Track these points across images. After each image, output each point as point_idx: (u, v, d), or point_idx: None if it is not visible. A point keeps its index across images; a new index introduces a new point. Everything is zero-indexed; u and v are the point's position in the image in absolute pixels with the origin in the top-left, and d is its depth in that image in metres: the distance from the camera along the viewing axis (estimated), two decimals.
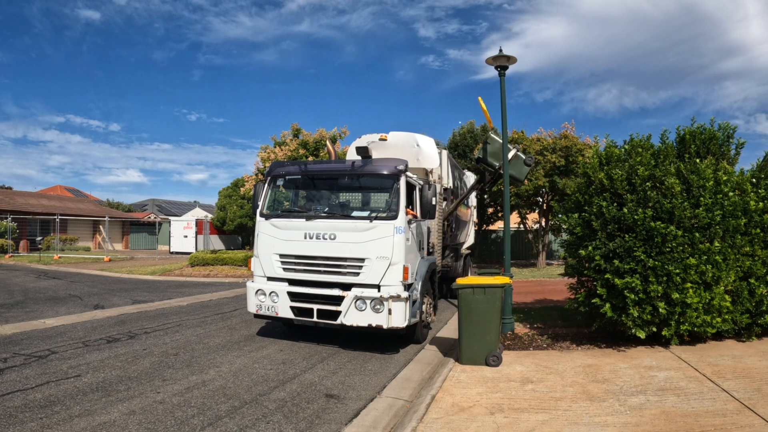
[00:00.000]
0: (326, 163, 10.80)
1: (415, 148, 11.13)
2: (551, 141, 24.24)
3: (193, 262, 24.09)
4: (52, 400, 6.01)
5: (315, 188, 9.92)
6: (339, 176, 9.58)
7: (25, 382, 6.70)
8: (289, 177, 9.79)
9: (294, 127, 26.33)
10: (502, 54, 9.52)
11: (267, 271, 9.06)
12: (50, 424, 5.26)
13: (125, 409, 5.74)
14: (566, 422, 4.95)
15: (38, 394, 6.23)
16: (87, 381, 6.76)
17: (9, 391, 6.31)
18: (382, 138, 10.91)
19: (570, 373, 6.70)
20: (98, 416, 5.52)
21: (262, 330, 10.20)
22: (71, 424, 5.27)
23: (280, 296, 8.78)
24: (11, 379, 6.81)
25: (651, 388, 5.97)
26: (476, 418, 5.11)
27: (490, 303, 7.11)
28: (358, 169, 9.03)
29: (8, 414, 5.51)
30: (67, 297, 15.08)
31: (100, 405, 5.87)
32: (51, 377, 6.92)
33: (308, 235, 8.63)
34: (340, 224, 8.55)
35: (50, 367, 7.41)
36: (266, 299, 8.94)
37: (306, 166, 9.84)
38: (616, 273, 7.61)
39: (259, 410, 5.74)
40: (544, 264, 26.92)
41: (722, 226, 7.53)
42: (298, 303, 8.66)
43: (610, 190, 8.17)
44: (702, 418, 4.93)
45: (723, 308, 7.56)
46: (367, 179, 9.39)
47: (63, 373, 7.14)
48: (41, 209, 40.62)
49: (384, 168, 8.80)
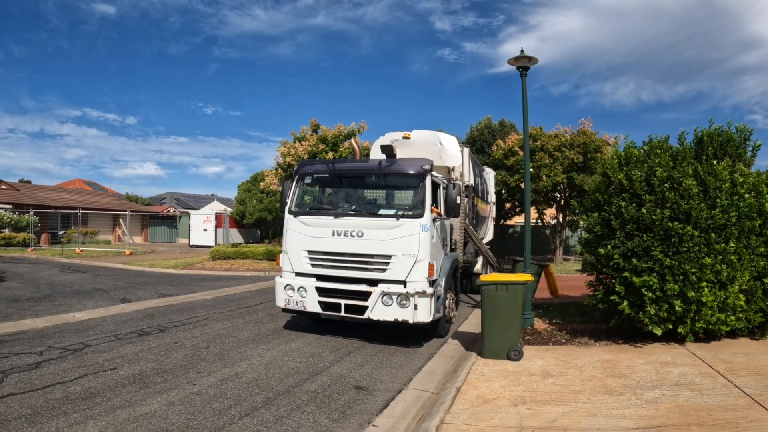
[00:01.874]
0: (353, 162, 11.07)
1: (438, 146, 11.36)
2: (569, 137, 24.41)
3: (215, 256, 24.52)
4: (92, 392, 6.26)
5: (342, 186, 10.14)
6: (366, 175, 9.88)
7: (64, 374, 6.95)
8: (317, 175, 10.00)
9: (313, 123, 26.68)
10: (524, 55, 9.70)
11: (295, 266, 9.29)
12: (93, 415, 5.50)
13: (164, 401, 6.00)
14: (586, 414, 5.23)
15: (78, 386, 6.47)
16: (124, 373, 7.04)
17: (49, 383, 6.56)
18: (406, 136, 11.13)
19: (588, 367, 6.97)
20: (139, 407, 5.77)
21: (288, 324, 10.54)
22: (113, 415, 5.51)
23: (308, 291, 9.01)
24: (50, 372, 7.05)
25: (666, 383, 6.23)
26: (500, 409, 5.42)
27: (512, 299, 7.40)
28: (385, 168, 9.36)
29: (51, 406, 5.74)
30: (94, 290, 15.41)
31: (139, 396, 6.13)
32: (88, 370, 7.19)
33: (336, 232, 8.86)
34: (367, 222, 8.78)
35: (86, 360, 7.66)
36: (295, 294, 9.17)
37: (334, 165, 10.16)
38: (634, 271, 7.85)
39: (293, 401, 6.06)
40: (561, 259, 27.12)
41: (738, 227, 7.74)
42: (325, 298, 8.89)
43: (629, 190, 8.39)
44: (714, 412, 5.19)
45: (737, 307, 7.77)
46: (393, 178, 9.62)
47: (99, 365, 7.41)
48: (62, 203, 41.39)
49: (410, 168, 9.05)
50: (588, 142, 23.55)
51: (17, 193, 40.75)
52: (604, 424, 4.97)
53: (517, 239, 33.63)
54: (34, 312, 11.53)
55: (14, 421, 5.22)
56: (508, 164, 25.12)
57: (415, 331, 9.18)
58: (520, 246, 31.91)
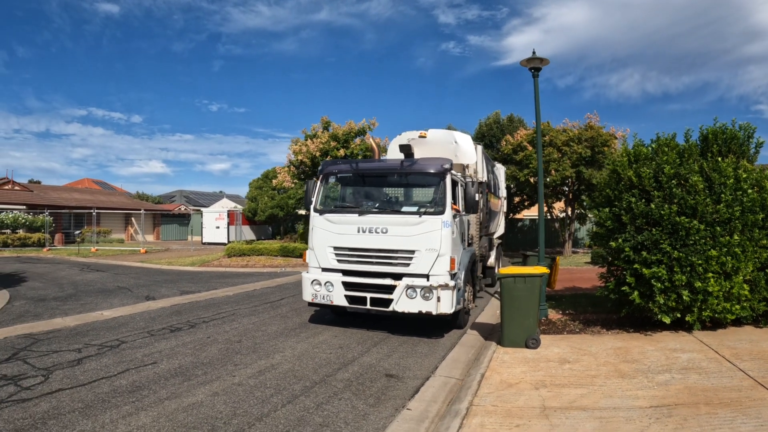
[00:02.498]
0: (376, 162, 11.52)
1: (453, 144, 11.75)
2: (577, 132, 24.78)
3: (230, 253, 25.04)
4: (138, 386, 6.60)
5: (364, 185, 10.52)
6: (388, 174, 10.33)
7: (107, 370, 7.29)
8: (341, 175, 10.45)
9: (324, 120, 27.09)
10: (536, 56, 10.17)
11: (321, 262, 9.72)
12: (143, 407, 5.85)
13: (208, 391, 6.39)
14: (602, 395, 5.71)
15: (123, 380, 6.82)
16: (164, 367, 7.42)
17: (95, 378, 6.90)
18: (422, 135, 11.59)
19: (602, 354, 7.45)
20: (185, 398, 6.15)
21: (313, 318, 11.00)
22: (162, 406, 5.87)
23: (335, 286, 9.46)
24: (92, 367, 7.39)
25: (675, 367, 6.69)
26: (523, 392, 5.91)
27: (529, 291, 7.88)
28: (407, 167, 9.80)
29: (101, 399, 6.08)
30: (116, 289, 15.76)
31: (183, 388, 6.52)
32: (129, 365, 7.54)
33: (361, 229, 9.29)
34: (391, 219, 9.22)
35: (125, 356, 8.03)
36: (321, 289, 9.61)
37: (357, 165, 10.58)
38: (644, 263, 8.29)
39: (329, 389, 6.53)
40: (570, 252, 27.54)
41: (741, 221, 8.16)
42: (352, 292, 9.35)
43: (639, 186, 8.82)
44: (720, 393, 5.66)
45: (742, 296, 8.20)
46: (415, 177, 9.98)
47: (139, 360, 7.78)
48: (75, 203, 42.02)
49: (431, 167, 9.48)
50: (595, 136, 23.94)
51: (30, 194, 41.38)
52: (620, 403, 5.45)
53: (527, 232, 34.06)
54: (63, 311, 11.87)
55: (68, 414, 5.59)
56: (518, 159, 25.51)
57: (436, 322, 9.55)
58: (530, 239, 32.43)
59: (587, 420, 5.01)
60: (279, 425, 5.36)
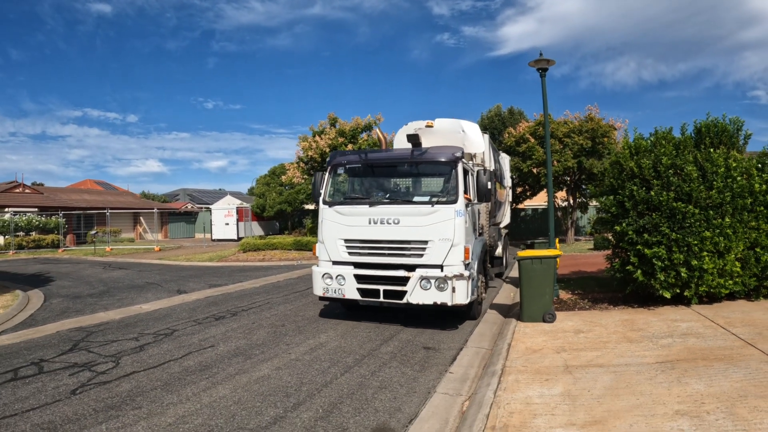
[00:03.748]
0: (386, 151, 10.96)
1: (461, 134, 11.53)
2: (577, 123, 25.77)
3: (245, 248, 25.89)
4: (205, 365, 7.29)
5: (374, 175, 10.33)
6: (398, 164, 10.17)
7: (171, 353, 7.96)
8: (349, 165, 10.24)
9: (330, 117, 28.01)
10: (543, 58, 11.14)
11: (332, 255, 9.62)
12: (218, 381, 6.58)
13: (272, 366, 7.21)
14: (614, 356, 6.73)
15: (189, 361, 7.51)
16: (223, 349, 8.18)
17: (162, 361, 7.55)
18: (429, 125, 11.39)
19: (611, 325, 8.46)
20: (253, 373, 6.91)
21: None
22: (235, 380, 6.62)
23: (346, 279, 9.38)
24: (156, 353, 8.05)
25: (676, 333, 7.71)
26: (547, 355, 6.92)
27: (545, 271, 8.89)
28: (417, 156, 9.59)
29: (176, 378, 6.76)
30: (146, 285, 16.38)
31: (248, 365, 7.28)
32: (190, 349, 8.23)
33: (372, 221, 9.17)
34: (403, 209, 9.08)
35: (182, 342, 8.73)
36: (333, 282, 9.53)
37: (366, 155, 10.24)
38: (646, 244, 9.28)
39: (378, 360, 7.50)
40: (572, 239, 28.58)
41: (732, 205, 9.16)
42: (364, 285, 9.27)
43: (639, 176, 9.80)
44: (715, 351, 6.67)
45: (734, 273, 9.21)
46: (426, 166, 9.79)
47: (197, 345, 8.50)
48: (84, 204, 42.83)
49: (442, 155, 9.35)
50: (596, 127, 24.95)
51: (42, 196, 42.19)
52: (630, 361, 6.46)
53: (529, 221, 35.09)
54: (102, 306, 12.46)
55: (151, 391, 6.28)
56: (520, 150, 26.52)
57: (448, 313, 9.81)
58: (533, 228, 33.45)
59: (604, 374, 6.02)
60: (343, 389, 6.31)
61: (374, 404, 5.79)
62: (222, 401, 5.93)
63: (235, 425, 5.25)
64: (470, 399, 5.75)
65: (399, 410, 5.61)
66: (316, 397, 6.04)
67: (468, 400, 5.73)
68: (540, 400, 5.32)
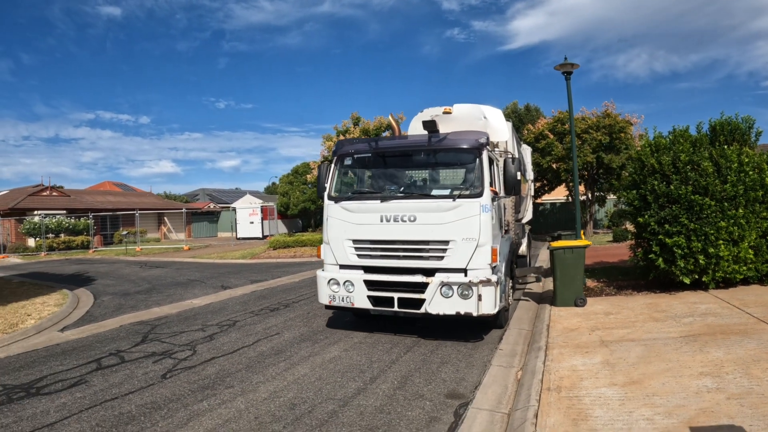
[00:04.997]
0: (399, 138, 9.49)
1: (483, 120, 10.27)
2: (595, 119, 26.61)
3: (275, 245, 26.82)
4: (278, 350, 8.02)
5: (386, 166, 9.20)
6: (414, 152, 8.96)
7: (242, 341, 8.66)
8: (358, 155, 9.13)
9: (354, 116, 29.02)
10: (567, 62, 12.09)
11: (339, 258, 8.61)
12: (295, 363, 7.34)
13: (340, 348, 8.02)
14: (643, 332, 7.69)
15: (262, 347, 8.21)
16: (289, 336, 8.92)
17: (236, 348, 8.23)
18: (447, 111, 10.29)
19: (637, 308, 9.38)
20: (324, 355, 7.71)
21: None
22: (311, 360, 7.42)
23: (355, 285, 8.36)
24: (227, 341, 8.73)
25: (696, 313, 8.62)
26: (583, 333, 7.90)
27: (576, 259, 9.83)
28: (435, 144, 8.44)
29: (255, 361, 7.50)
30: (189, 282, 17.00)
31: (317, 348, 8.06)
32: (257, 336, 8.93)
33: (384, 218, 8.14)
34: (420, 204, 8.04)
35: (248, 330, 9.41)
36: (340, 289, 8.51)
37: (377, 143, 9.03)
38: (667, 234, 10.17)
39: (434, 341, 8.39)
40: (591, 233, 29.43)
41: (744, 197, 10.02)
42: (375, 292, 8.25)
43: (660, 171, 10.66)
44: (731, 327, 7.59)
45: (748, 259, 10.08)
46: (445, 155, 8.68)
47: (263, 333, 9.21)
48: (110, 205, 44.24)
49: (464, 142, 8.24)
50: (613, 123, 25.81)
51: (68, 198, 43.58)
52: (657, 336, 7.42)
53: (548, 215, 35.97)
54: (155, 302, 13.09)
55: (237, 373, 6.99)
56: (540, 147, 27.40)
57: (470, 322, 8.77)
58: (552, 221, 34.31)
59: (636, 346, 6.98)
60: (410, 365, 7.26)
61: (441, 375, 6.78)
62: (305, 378, 6.77)
63: (324, 396, 6.14)
64: (522, 369, 6.73)
65: (463, 380, 6.61)
66: (388, 372, 6.98)
67: (521, 370, 6.72)
68: (584, 368, 6.29)
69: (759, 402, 4.88)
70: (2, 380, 7.15)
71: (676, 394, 5.24)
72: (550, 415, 5.00)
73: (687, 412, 4.81)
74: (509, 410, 5.53)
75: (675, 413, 4.79)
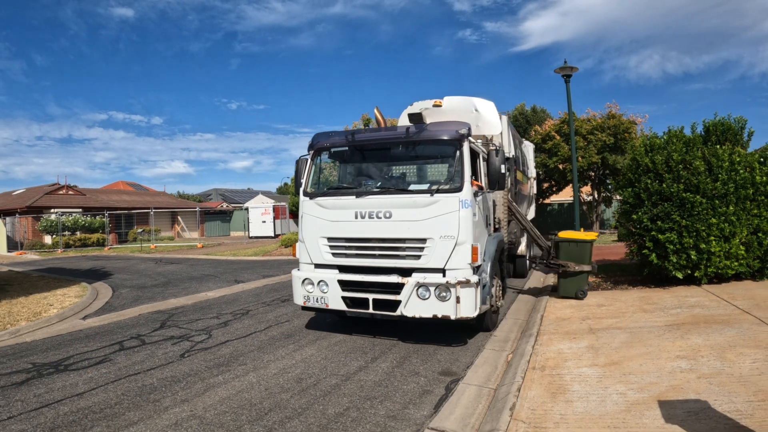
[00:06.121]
0: (376, 131, 8.78)
1: (474, 113, 10.10)
2: (600, 120, 26.97)
3: (286, 243, 27.28)
4: (288, 334, 8.69)
5: (364, 160, 8.83)
6: (392, 145, 8.42)
7: (254, 327, 9.30)
8: (334, 149, 8.72)
9: (364, 117, 29.49)
10: (567, 65, 12.55)
11: (314, 257, 8.29)
12: (303, 345, 8.00)
13: (344, 334, 8.61)
14: (630, 321, 8.14)
15: (273, 332, 8.89)
16: (298, 323, 9.56)
17: (249, 332, 8.88)
18: (437, 104, 10.05)
19: (629, 300, 9.82)
20: (331, 339, 8.35)
21: None
22: (318, 343, 8.08)
23: (329, 286, 8.04)
24: (240, 327, 9.36)
25: (685, 305, 9.05)
26: (574, 322, 8.36)
27: (580, 252, 10.31)
28: (413, 135, 7.90)
29: (266, 343, 8.12)
30: (203, 276, 17.49)
31: (324, 333, 8.70)
32: (269, 323, 9.57)
33: (359, 215, 7.81)
34: (396, 200, 7.68)
35: (260, 318, 10.02)
36: (314, 289, 8.22)
37: (354, 135, 8.51)
38: (659, 231, 10.59)
39: (437, 331, 8.89)
40: (597, 233, 29.67)
41: (735, 195, 10.40)
42: (350, 293, 7.95)
43: (653, 170, 11.09)
44: (715, 317, 8.01)
45: (739, 255, 10.46)
46: (425, 147, 8.20)
47: (274, 320, 9.83)
48: (125, 204, 45.14)
49: (444, 133, 7.76)
50: (617, 124, 26.17)
51: (84, 197, 44.47)
52: (643, 324, 7.87)
53: (555, 216, 36.27)
54: (171, 294, 13.66)
55: (249, 353, 7.64)
56: (547, 148, 27.80)
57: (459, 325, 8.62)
58: (559, 222, 34.64)
59: (621, 333, 7.44)
60: (410, 347, 7.81)
61: (437, 356, 7.32)
62: (312, 358, 7.41)
63: (328, 373, 6.73)
64: (513, 352, 7.23)
65: (457, 360, 7.13)
66: (389, 353, 7.54)
67: (511, 354, 7.21)
68: (569, 351, 6.77)
69: (727, 381, 5.33)
70: (32, 359, 7.79)
71: (650, 374, 5.71)
72: (532, 389, 5.50)
73: (658, 388, 5.28)
74: (496, 386, 6.03)
75: (647, 389, 5.27)
